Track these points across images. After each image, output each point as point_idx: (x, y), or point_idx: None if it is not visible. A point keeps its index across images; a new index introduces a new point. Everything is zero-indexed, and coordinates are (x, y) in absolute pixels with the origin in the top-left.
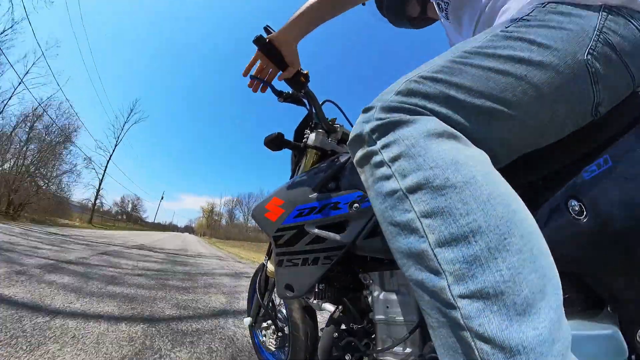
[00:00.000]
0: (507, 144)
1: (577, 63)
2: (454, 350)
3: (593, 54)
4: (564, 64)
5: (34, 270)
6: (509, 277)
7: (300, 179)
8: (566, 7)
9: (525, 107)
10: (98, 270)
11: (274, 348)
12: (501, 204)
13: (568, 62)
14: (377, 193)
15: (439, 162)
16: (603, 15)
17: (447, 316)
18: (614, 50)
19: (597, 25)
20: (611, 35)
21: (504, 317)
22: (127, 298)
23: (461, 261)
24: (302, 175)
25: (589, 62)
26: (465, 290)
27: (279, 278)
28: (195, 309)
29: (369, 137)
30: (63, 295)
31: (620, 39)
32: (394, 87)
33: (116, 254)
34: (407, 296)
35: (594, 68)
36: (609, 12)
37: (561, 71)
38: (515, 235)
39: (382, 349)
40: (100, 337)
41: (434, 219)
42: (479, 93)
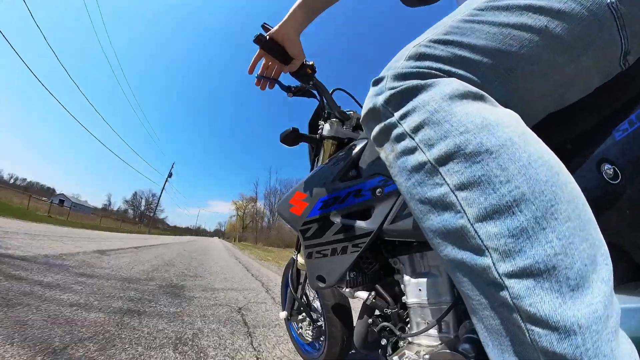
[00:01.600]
0: (531, 104)
1: (600, 8)
2: (499, 333)
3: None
4: (586, 10)
5: None
6: (560, 249)
7: (320, 170)
8: None
9: (547, 62)
10: None
11: (310, 339)
12: (543, 166)
13: (590, 7)
14: (401, 169)
15: (469, 126)
16: None
17: (493, 297)
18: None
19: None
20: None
21: (557, 294)
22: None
23: (506, 235)
24: (322, 167)
25: (614, 6)
26: (513, 268)
27: (309, 270)
28: None
29: (384, 109)
30: None
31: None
32: (403, 54)
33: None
34: (439, 277)
35: (619, 12)
36: None
37: (583, 18)
38: (562, 200)
39: (416, 332)
40: None
41: (471, 191)
42: (496, 51)
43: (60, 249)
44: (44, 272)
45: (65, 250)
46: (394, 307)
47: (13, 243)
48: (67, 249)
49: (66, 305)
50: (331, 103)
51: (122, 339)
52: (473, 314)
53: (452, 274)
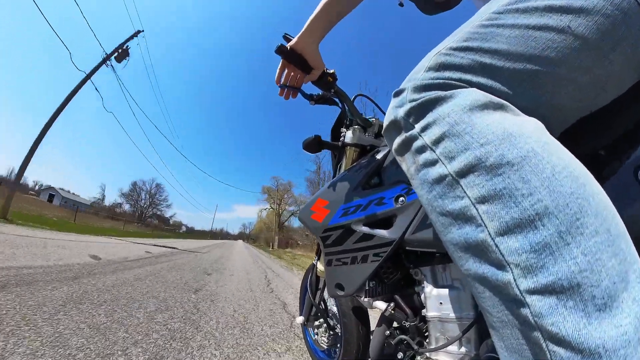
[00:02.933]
0: (559, 109)
1: (626, 0)
2: (520, 353)
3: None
4: (610, 5)
5: None
6: (585, 266)
7: (342, 178)
8: None
9: (573, 63)
10: None
11: (325, 346)
12: (568, 177)
13: (615, 1)
14: (422, 182)
15: (490, 138)
16: None
17: (514, 314)
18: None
19: None
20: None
21: (581, 313)
22: None
23: (528, 250)
24: (344, 174)
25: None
26: (534, 284)
27: (328, 277)
28: None
29: (405, 121)
30: None
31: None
32: (423, 64)
33: None
34: (462, 291)
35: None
36: None
37: (608, 13)
38: (588, 214)
39: (435, 347)
40: None
41: (492, 204)
42: (518, 56)
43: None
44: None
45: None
46: (413, 319)
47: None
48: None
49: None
50: (353, 110)
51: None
52: (493, 331)
53: (473, 289)
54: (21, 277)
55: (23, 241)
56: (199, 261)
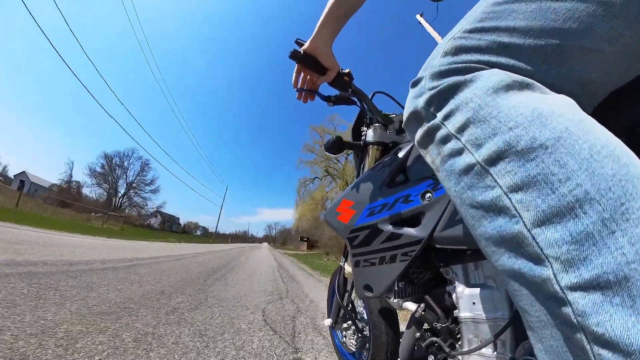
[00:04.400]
0: (588, 84)
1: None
2: (561, 356)
3: None
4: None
5: None
6: (633, 257)
7: (366, 177)
8: None
9: (599, 33)
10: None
11: (354, 349)
12: (608, 157)
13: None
14: (448, 173)
15: (519, 120)
16: None
17: (554, 314)
18: None
19: None
20: None
21: (630, 311)
22: None
23: (569, 242)
24: (368, 173)
25: None
26: (577, 279)
27: (356, 279)
28: None
29: (426, 111)
30: None
31: None
32: (439, 50)
33: None
34: (496, 290)
35: None
36: None
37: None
38: (634, 197)
39: (468, 350)
40: None
41: (527, 192)
42: (538, 31)
43: None
44: None
45: None
46: (445, 321)
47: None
48: None
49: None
50: (372, 108)
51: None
52: (531, 332)
53: (508, 287)
54: None
55: None
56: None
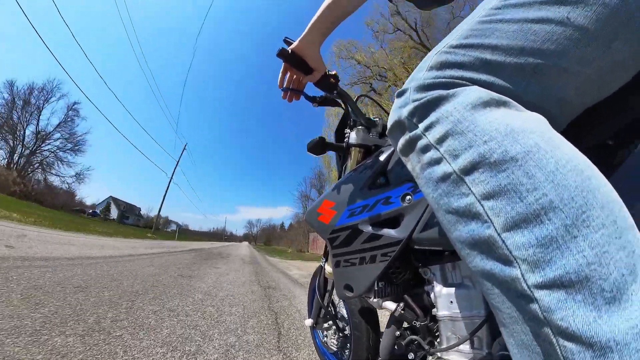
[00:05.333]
0: (564, 102)
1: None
2: (531, 349)
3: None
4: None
5: None
6: (593, 259)
7: (348, 178)
8: None
9: (575, 55)
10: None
11: (335, 348)
12: (572, 171)
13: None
14: (427, 180)
15: (493, 134)
16: None
17: (523, 310)
18: None
19: None
20: None
21: (591, 307)
22: None
23: (535, 245)
24: (350, 175)
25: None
26: (542, 279)
27: (337, 279)
28: None
29: (409, 121)
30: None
31: None
32: (425, 63)
33: None
34: (473, 289)
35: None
36: None
37: (607, 1)
38: (594, 206)
39: (447, 347)
40: None
41: (497, 200)
42: (519, 50)
43: None
44: None
45: None
46: (424, 319)
47: None
48: None
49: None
50: (356, 110)
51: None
52: (503, 327)
53: (482, 286)
54: None
55: None
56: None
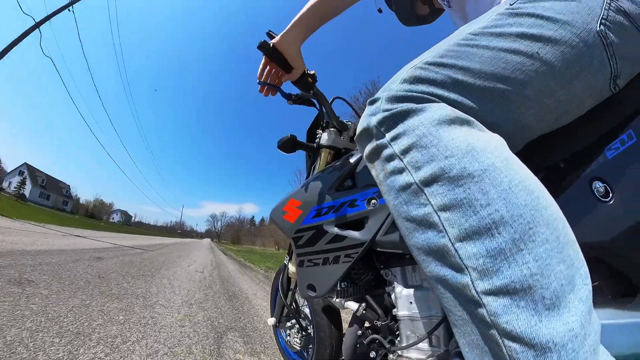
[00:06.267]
0: (523, 127)
1: (590, 35)
2: (480, 348)
3: (606, 24)
4: (576, 37)
5: None
6: (536, 270)
7: (316, 179)
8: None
9: (539, 86)
10: None
11: (298, 347)
12: (523, 191)
13: (580, 34)
14: (389, 188)
15: (454, 151)
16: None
17: (472, 314)
18: (628, 17)
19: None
20: (623, 1)
21: (533, 312)
22: None
23: (485, 255)
24: (318, 175)
25: (603, 33)
26: (490, 286)
27: (300, 278)
28: None
29: (377, 130)
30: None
31: (633, 4)
32: (399, 76)
33: None
34: (431, 291)
35: (608, 39)
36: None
37: (574, 45)
38: (540, 224)
39: (406, 345)
40: None
41: (453, 212)
42: (489, 75)
43: None
44: None
45: None
46: (384, 319)
47: None
48: None
49: None
50: (330, 112)
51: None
52: (455, 328)
53: (436, 290)
54: None
55: None
56: None
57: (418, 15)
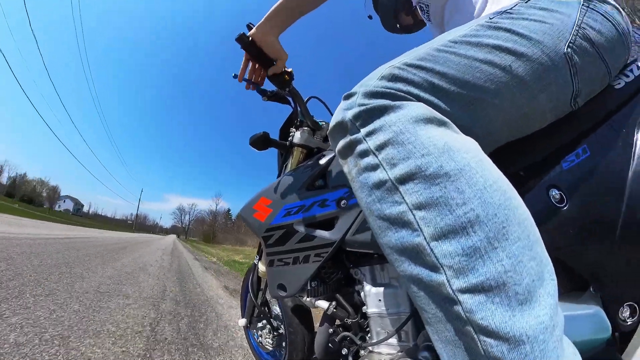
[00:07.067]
0: (491, 133)
1: (558, 55)
2: (453, 344)
3: (573, 47)
4: (545, 56)
5: None
6: (510, 267)
7: (287, 177)
8: (547, 3)
9: (508, 97)
10: None
11: (271, 347)
12: (497, 191)
13: (549, 54)
14: (362, 185)
15: (431, 149)
16: (582, 11)
17: (447, 311)
18: (592, 44)
19: (576, 21)
20: (589, 30)
21: (507, 308)
22: None
23: (460, 254)
24: (289, 174)
25: (569, 55)
26: (466, 284)
27: (270, 278)
28: None
29: (352, 124)
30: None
31: (598, 34)
32: (377, 73)
33: None
34: (399, 289)
35: (573, 61)
36: (587, 8)
37: (543, 62)
38: (513, 223)
39: (377, 341)
40: None
41: (429, 211)
42: (464, 82)
43: None
44: None
45: None
46: (355, 317)
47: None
48: None
49: None
50: (305, 111)
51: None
52: (428, 326)
53: (408, 289)
54: None
55: None
56: None
57: (402, 25)
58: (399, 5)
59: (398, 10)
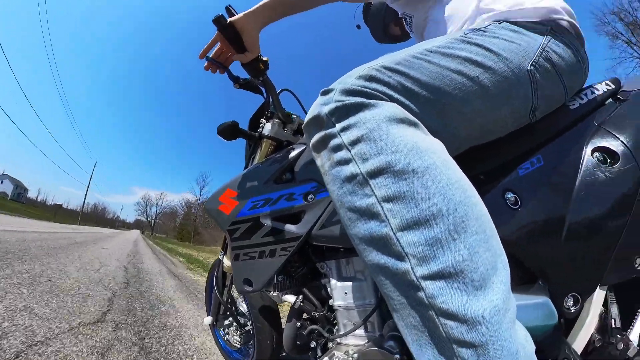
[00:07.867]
0: (455, 137)
1: (522, 72)
2: (417, 328)
3: (536, 66)
4: (510, 71)
5: None
6: (467, 257)
7: (254, 169)
8: (518, 28)
9: (474, 105)
10: None
11: (239, 345)
12: (459, 189)
13: (514, 70)
14: (334, 178)
15: (401, 147)
16: (547, 37)
17: (411, 297)
18: (553, 65)
19: (541, 44)
20: (552, 53)
21: (464, 293)
22: None
23: (423, 244)
24: (257, 166)
25: (532, 72)
26: (428, 271)
27: (236, 273)
28: None
29: (328, 119)
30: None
31: (559, 57)
32: (355, 72)
33: None
34: (364, 281)
35: (535, 78)
36: (552, 35)
37: (508, 77)
38: (471, 218)
39: (344, 332)
40: None
41: (396, 203)
42: (435, 88)
43: None
44: None
45: None
46: (322, 310)
47: None
48: None
49: None
50: (277, 103)
51: None
52: (394, 312)
53: (375, 277)
54: None
55: None
56: None
57: (391, 35)
58: (387, 16)
59: (387, 21)
